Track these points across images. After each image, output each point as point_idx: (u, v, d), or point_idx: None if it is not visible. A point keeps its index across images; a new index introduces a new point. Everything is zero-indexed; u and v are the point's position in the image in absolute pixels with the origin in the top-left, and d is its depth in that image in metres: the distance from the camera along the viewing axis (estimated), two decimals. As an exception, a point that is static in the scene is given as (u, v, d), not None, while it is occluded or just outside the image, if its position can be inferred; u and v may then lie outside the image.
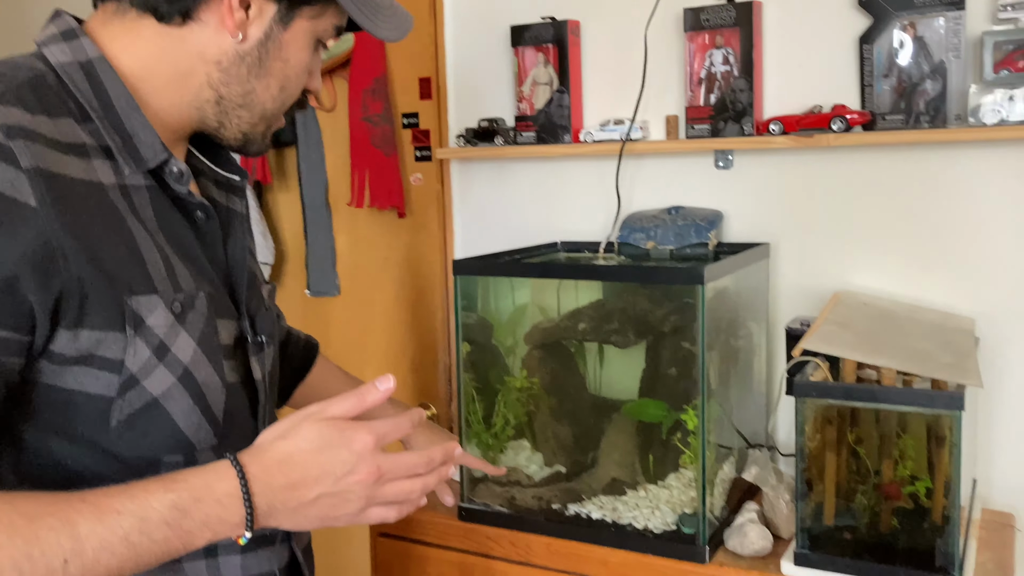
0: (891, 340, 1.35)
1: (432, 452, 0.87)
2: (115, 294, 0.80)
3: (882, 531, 1.23)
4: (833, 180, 1.61)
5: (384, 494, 0.83)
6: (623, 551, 1.38)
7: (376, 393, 0.84)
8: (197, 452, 0.88)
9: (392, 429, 0.85)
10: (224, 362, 0.89)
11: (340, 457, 0.80)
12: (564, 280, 1.60)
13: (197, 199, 0.91)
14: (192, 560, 0.89)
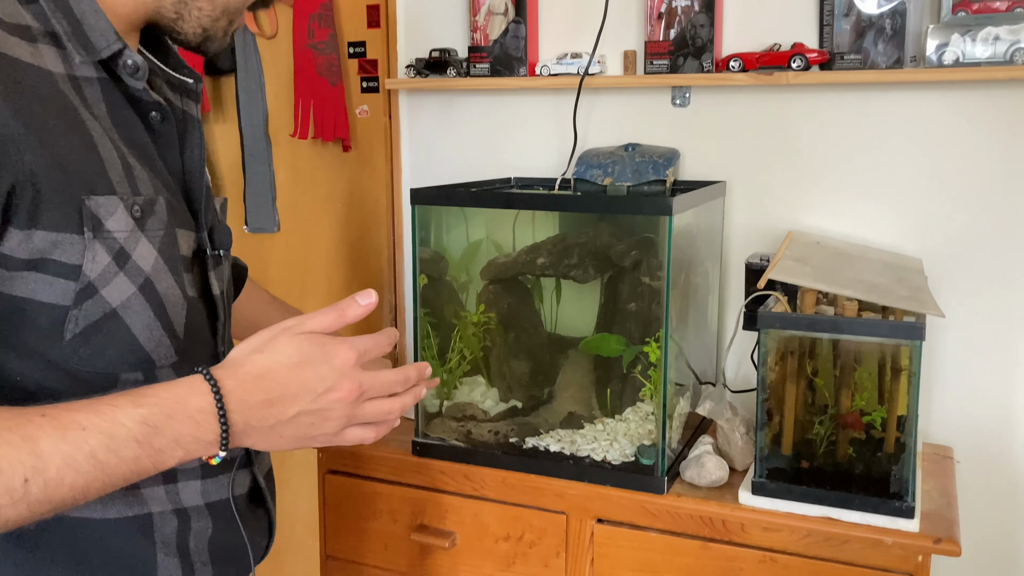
0: (848, 275, 1.36)
1: (407, 370, 0.82)
2: (72, 192, 0.74)
3: (838, 460, 1.26)
4: (789, 120, 1.61)
5: (364, 413, 0.79)
6: (581, 483, 1.37)
7: (357, 308, 0.79)
8: (157, 369, 0.82)
9: (373, 345, 0.80)
10: (184, 274, 0.84)
11: (321, 373, 0.76)
12: (520, 216, 1.57)
13: (153, 97, 0.84)
14: (151, 486, 0.84)
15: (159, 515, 0.85)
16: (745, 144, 1.65)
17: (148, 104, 0.84)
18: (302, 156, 2.05)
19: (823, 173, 1.60)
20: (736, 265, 1.68)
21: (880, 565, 1.22)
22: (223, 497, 0.91)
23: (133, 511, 0.83)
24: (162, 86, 0.92)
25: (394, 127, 1.94)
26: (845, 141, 1.58)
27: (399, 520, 1.52)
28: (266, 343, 0.77)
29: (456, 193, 1.44)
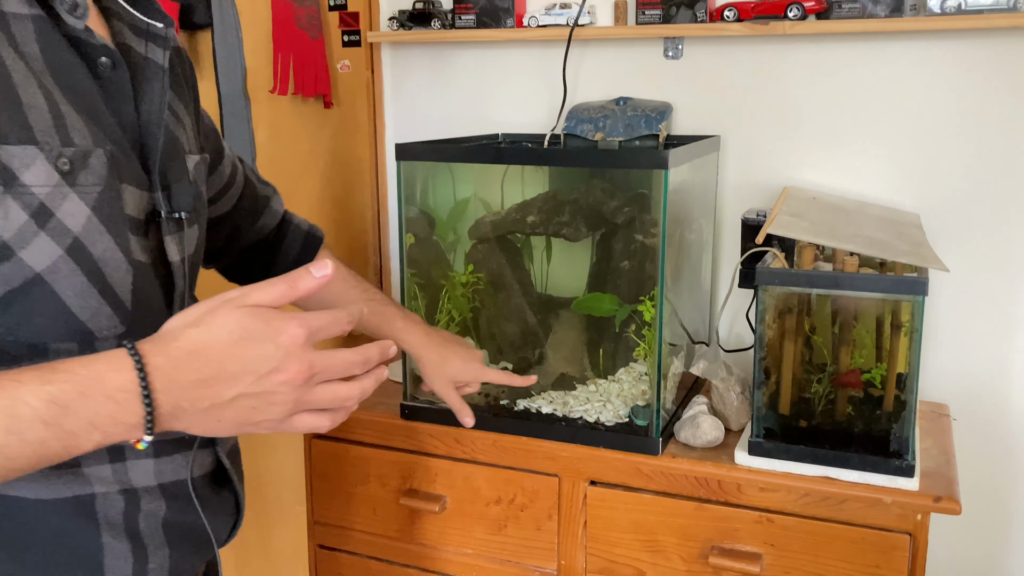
0: (847, 230, 1.33)
1: (367, 349, 0.71)
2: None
3: (837, 419, 1.23)
4: (785, 72, 1.57)
5: (315, 398, 0.69)
6: (573, 445, 1.35)
7: (310, 280, 0.69)
8: (98, 341, 0.75)
9: (329, 323, 0.69)
10: (131, 237, 0.76)
11: (264, 351, 0.66)
12: (509, 173, 1.52)
13: (98, 41, 0.75)
14: (94, 464, 0.77)
15: (103, 496, 0.77)
16: (740, 97, 1.60)
17: (95, 48, 0.75)
18: (282, 113, 1.99)
19: (820, 127, 1.56)
20: (730, 222, 1.64)
21: (879, 524, 1.20)
22: (180, 478, 0.84)
23: (72, 491, 0.76)
24: (123, 30, 0.84)
25: (377, 82, 1.88)
26: (842, 93, 1.54)
27: (388, 485, 1.49)
28: (203, 316, 0.67)
29: (443, 148, 1.39)
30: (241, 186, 1.13)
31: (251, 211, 1.16)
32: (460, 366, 1.28)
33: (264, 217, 1.18)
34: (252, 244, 1.18)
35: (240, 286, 0.70)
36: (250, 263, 1.20)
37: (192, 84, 0.96)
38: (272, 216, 1.20)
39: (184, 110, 0.91)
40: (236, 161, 1.14)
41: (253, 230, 1.17)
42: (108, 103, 0.76)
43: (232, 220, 1.14)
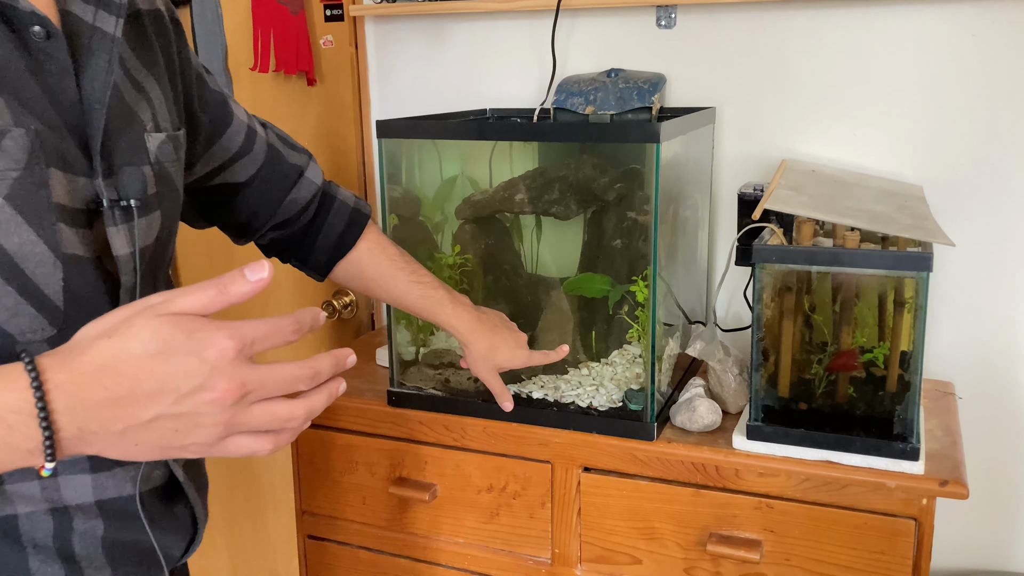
0: (847, 204, 1.28)
1: (318, 361, 0.62)
2: None
3: (838, 401, 1.19)
4: (783, 40, 1.51)
5: (250, 419, 0.59)
6: (566, 431, 1.30)
7: (243, 284, 0.58)
8: (20, 344, 0.68)
9: (268, 333, 0.59)
10: (63, 228, 0.68)
11: (186, 367, 0.56)
12: (498, 150, 1.47)
13: (25, 7, 0.67)
14: (19, 481, 0.70)
15: (27, 516, 0.70)
16: (735, 67, 1.55)
17: (22, 15, 0.67)
18: (265, 92, 1.93)
19: (819, 97, 1.51)
20: (726, 197, 1.59)
21: (883, 509, 1.15)
22: (125, 494, 0.76)
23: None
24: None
25: (361, 58, 1.82)
26: (842, 62, 1.48)
27: (376, 473, 1.45)
28: (118, 325, 0.57)
29: (425, 125, 1.33)
30: (262, 155, 1.04)
31: (277, 182, 1.06)
32: (509, 355, 1.24)
33: (297, 189, 1.09)
34: (288, 219, 1.09)
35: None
36: (290, 240, 1.12)
37: (175, 52, 0.87)
38: (307, 188, 1.10)
39: (154, 83, 0.82)
40: (257, 128, 1.05)
41: (285, 204, 1.08)
42: (39, 78, 0.68)
43: (253, 192, 1.05)
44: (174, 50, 0.87)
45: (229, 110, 1.00)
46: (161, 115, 0.82)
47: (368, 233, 1.16)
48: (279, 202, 1.07)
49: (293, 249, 1.13)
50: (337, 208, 1.14)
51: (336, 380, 0.65)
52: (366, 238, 1.15)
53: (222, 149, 0.99)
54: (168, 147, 0.82)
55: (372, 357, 1.62)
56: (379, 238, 1.17)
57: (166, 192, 0.81)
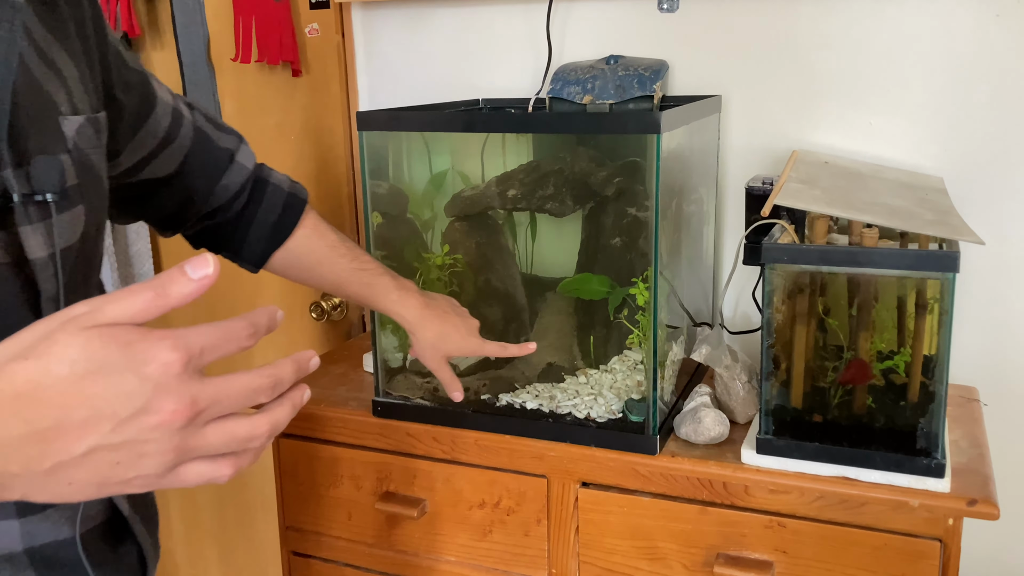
0: (864, 198, 1.18)
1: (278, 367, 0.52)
2: None
3: (855, 412, 1.10)
4: (794, 23, 1.41)
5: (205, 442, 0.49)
6: (563, 444, 1.22)
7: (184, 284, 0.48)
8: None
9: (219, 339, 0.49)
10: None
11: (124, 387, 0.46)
12: (491, 143, 1.38)
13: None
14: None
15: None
16: (743, 53, 1.45)
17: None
18: (249, 84, 1.84)
19: (832, 83, 1.41)
20: (734, 190, 1.50)
21: (904, 529, 1.06)
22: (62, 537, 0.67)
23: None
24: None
25: (348, 47, 1.73)
26: (857, 46, 1.38)
27: (362, 487, 1.36)
28: (36, 343, 0.47)
29: (409, 116, 1.24)
30: (188, 141, 0.95)
31: (208, 169, 0.98)
32: (459, 342, 1.14)
33: (228, 175, 1.00)
34: (219, 207, 1.01)
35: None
36: (221, 230, 1.04)
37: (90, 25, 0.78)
38: (238, 172, 1.01)
39: (68, 59, 0.73)
40: (183, 109, 0.95)
41: (215, 192, 0.99)
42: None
43: (182, 182, 0.96)
44: (89, 23, 0.77)
45: (152, 91, 0.90)
46: (78, 95, 0.72)
47: (305, 219, 1.07)
48: (210, 190, 0.99)
49: (225, 239, 1.05)
50: (271, 193, 1.05)
51: (299, 388, 0.55)
52: (303, 224, 1.06)
53: (149, 135, 0.89)
54: (89, 131, 0.72)
55: (361, 362, 1.54)
56: (317, 224, 1.09)
57: (89, 183, 0.71)
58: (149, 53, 1.91)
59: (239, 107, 1.86)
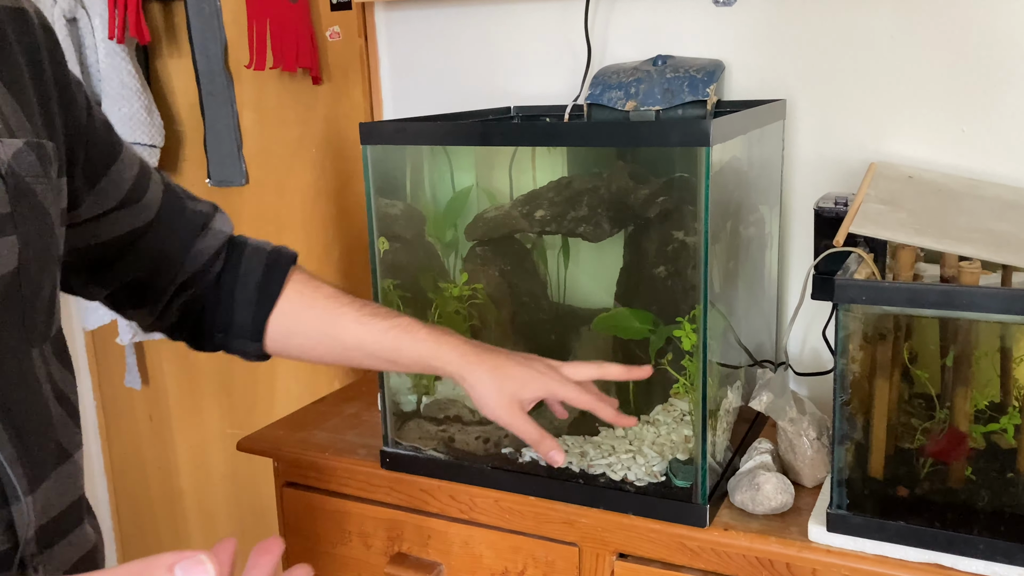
0: (959, 222, 0.98)
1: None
2: None
3: (951, 486, 0.90)
4: (870, 15, 1.22)
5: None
6: (595, 510, 1.04)
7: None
8: None
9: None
10: None
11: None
12: (520, 155, 1.21)
13: None
14: None
15: None
16: (810, 51, 1.26)
17: None
18: (269, 93, 1.71)
19: (916, 83, 1.21)
20: (800, 208, 1.30)
21: (1014, 634, 0.86)
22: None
23: None
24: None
25: (371, 51, 1.59)
26: (945, 40, 1.18)
27: (372, 546, 1.21)
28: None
29: (417, 128, 1.08)
30: (159, 195, 0.85)
31: (179, 231, 0.86)
32: (527, 378, 0.87)
33: (203, 239, 0.88)
34: (195, 274, 0.88)
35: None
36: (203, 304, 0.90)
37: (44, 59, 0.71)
38: (214, 237, 0.89)
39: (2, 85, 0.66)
40: (149, 167, 0.86)
41: (191, 256, 0.87)
42: None
43: (154, 241, 0.85)
44: (44, 57, 0.70)
45: (117, 139, 0.81)
46: (16, 121, 0.65)
47: (294, 276, 0.92)
48: (184, 253, 0.86)
49: (209, 316, 0.90)
50: (251, 253, 0.91)
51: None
52: (293, 280, 0.91)
53: (113, 185, 0.79)
54: (30, 157, 0.64)
55: (374, 401, 1.39)
56: (308, 279, 0.93)
57: (27, 213, 0.63)
58: (165, 61, 1.80)
59: (258, 118, 1.74)
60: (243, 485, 1.94)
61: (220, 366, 1.91)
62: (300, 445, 1.26)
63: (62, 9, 1.63)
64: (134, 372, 1.93)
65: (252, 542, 1.83)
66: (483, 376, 0.87)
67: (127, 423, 2.08)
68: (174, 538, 2.09)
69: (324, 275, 1.68)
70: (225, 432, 1.95)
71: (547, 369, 0.89)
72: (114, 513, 2.17)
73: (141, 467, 2.09)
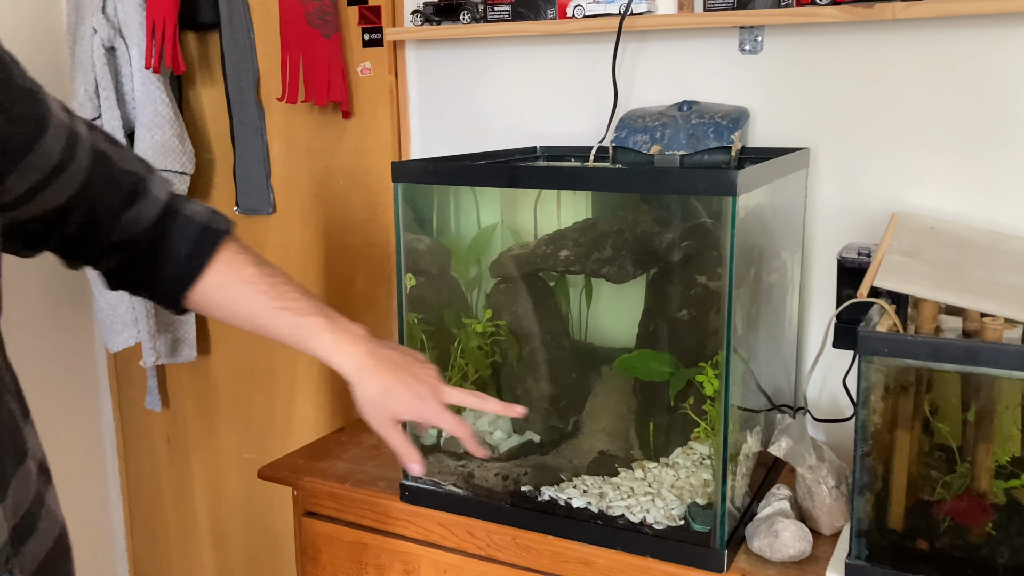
0: (981, 276, 0.99)
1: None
2: None
3: (971, 541, 0.90)
4: (894, 67, 1.23)
5: None
6: (612, 551, 1.04)
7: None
8: None
9: None
10: None
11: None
12: (545, 194, 1.23)
13: None
14: None
15: None
16: (835, 100, 1.28)
17: None
18: (298, 124, 1.74)
19: (938, 135, 1.22)
20: (823, 255, 1.31)
21: None
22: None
23: None
24: None
25: (400, 87, 1.62)
26: (968, 92, 1.19)
27: (388, 579, 1.21)
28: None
29: (447, 168, 1.10)
30: (87, 161, 0.83)
31: (110, 192, 0.86)
32: (408, 402, 0.93)
33: (138, 205, 0.88)
34: (125, 241, 0.88)
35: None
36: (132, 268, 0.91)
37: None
38: (150, 204, 0.89)
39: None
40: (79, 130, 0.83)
41: (122, 223, 0.87)
42: None
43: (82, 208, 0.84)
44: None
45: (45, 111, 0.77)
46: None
47: (221, 253, 0.91)
48: (114, 217, 0.86)
49: (137, 277, 0.92)
50: (181, 226, 0.90)
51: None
52: (218, 259, 0.91)
53: (40, 158, 0.77)
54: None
55: (395, 433, 1.40)
56: (234, 257, 0.92)
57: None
58: (198, 90, 1.84)
59: (287, 148, 1.77)
60: (257, 510, 1.95)
61: (239, 391, 1.93)
62: (320, 475, 1.27)
63: (101, 39, 1.67)
64: (155, 394, 1.95)
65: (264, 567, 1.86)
66: (371, 392, 0.93)
67: (145, 444, 2.09)
68: (186, 559, 2.09)
69: (345, 307, 1.71)
70: (241, 456, 1.96)
71: (431, 399, 0.94)
72: (128, 533, 2.18)
73: (157, 488, 2.10)
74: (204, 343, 1.93)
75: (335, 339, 0.92)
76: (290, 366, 1.85)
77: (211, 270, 0.91)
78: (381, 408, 0.93)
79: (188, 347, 1.88)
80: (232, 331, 1.90)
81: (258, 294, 0.91)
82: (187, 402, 2.01)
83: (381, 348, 0.94)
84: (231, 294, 0.92)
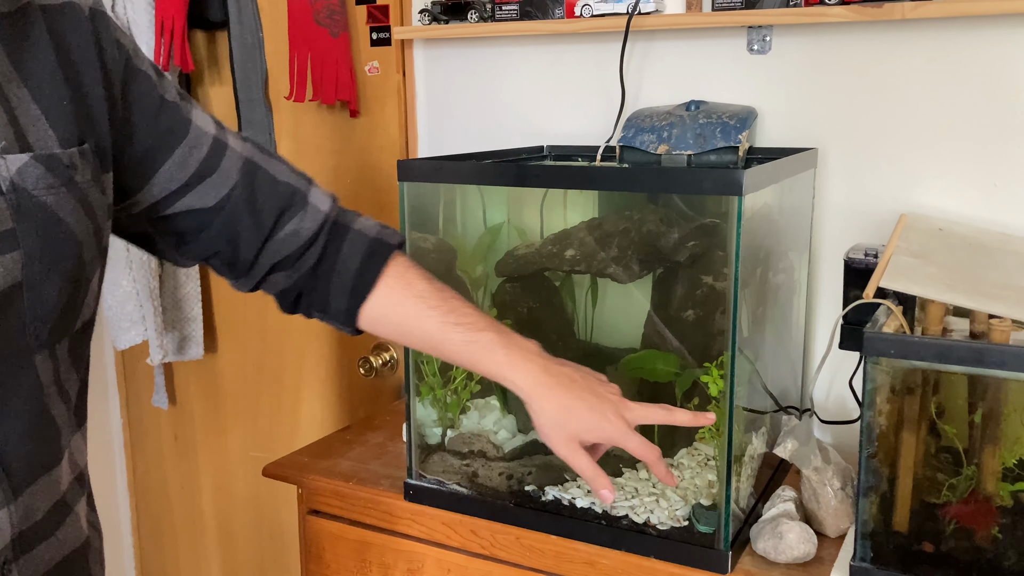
0: (990, 278, 0.99)
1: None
2: None
3: (978, 543, 0.89)
4: (903, 67, 1.23)
5: None
6: (616, 551, 1.04)
7: None
8: None
9: None
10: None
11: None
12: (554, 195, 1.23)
13: None
14: None
15: None
16: (842, 100, 1.27)
17: None
18: (306, 124, 1.75)
19: (947, 136, 1.21)
20: (829, 256, 1.31)
21: None
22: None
23: None
24: None
25: (408, 86, 1.62)
26: (978, 92, 1.19)
27: (392, 577, 1.21)
28: None
29: (452, 167, 1.10)
30: (236, 172, 0.83)
31: (264, 205, 0.84)
32: (591, 420, 0.86)
33: (297, 219, 0.86)
34: (288, 257, 0.87)
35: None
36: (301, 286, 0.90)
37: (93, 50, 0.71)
38: (311, 217, 0.87)
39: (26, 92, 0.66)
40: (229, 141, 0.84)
41: (280, 237, 0.86)
42: None
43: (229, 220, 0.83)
44: (90, 48, 0.71)
45: (184, 118, 0.80)
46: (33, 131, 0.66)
47: (391, 267, 0.90)
48: (268, 231, 0.85)
49: (308, 296, 0.90)
50: (352, 240, 0.89)
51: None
52: (388, 274, 0.89)
53: (177, 166, 0.79)
54: (37, 171, 0.65)
55: (399, 432, 1.40)
56: (403, 272, 0.91)
57: (33, 227, 0.65)
58: (207, 89, 1.84)
59: (295, 147, 1.77)
60: (264, 508, 1.96)
61: (247, 389, 1.93)
62: (324, 473, 1.27)
63: (111, 37, 1.68)
64: (162, 392, 1.96)
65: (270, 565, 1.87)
66: (549, 410, 0.87)
67: (152, 442, 2.10)
68: (193, 557, 2.10)
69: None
70: (248, 455, 1.96)
71: (615, 418, 0.87)
72: (135, 530, 2.18)
73: (164, 486, 2.11)
74: (211, 341, 1.94)
75: (509, 355, 0.88)
76: (297, 365, 1.85)
77: (382, 283, 0.89)
78: (560, 428, 0.87)
79: (195, 345, 1.88)
80: (239, 329, 1.90)
81: (430, 309, 0.89)
82: (194, 400, 2.01)
83: (556, 365, 0.90)
84: (404, 311, 0.90)
